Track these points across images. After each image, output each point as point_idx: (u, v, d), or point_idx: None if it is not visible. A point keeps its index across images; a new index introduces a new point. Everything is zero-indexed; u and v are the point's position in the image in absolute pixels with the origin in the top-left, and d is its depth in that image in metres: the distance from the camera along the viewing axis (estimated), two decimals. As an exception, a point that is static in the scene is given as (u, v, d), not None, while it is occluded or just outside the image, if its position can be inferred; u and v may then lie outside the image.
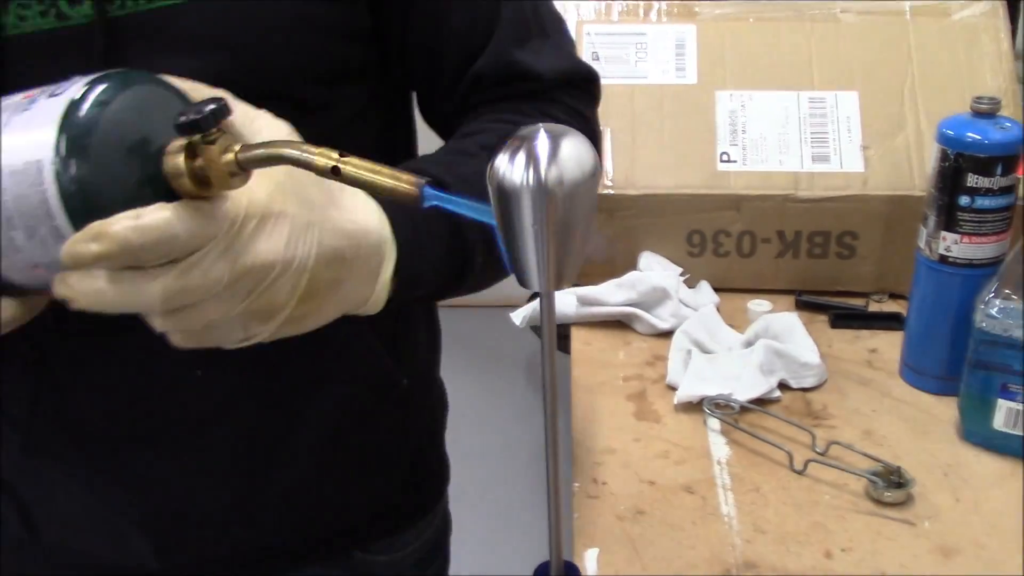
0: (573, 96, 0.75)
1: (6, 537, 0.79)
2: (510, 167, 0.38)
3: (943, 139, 0.89)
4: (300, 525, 0.80)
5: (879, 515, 0.80)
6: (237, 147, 0.45)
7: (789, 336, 1.02)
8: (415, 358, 0.85)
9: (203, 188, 0.46)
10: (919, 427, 0.92)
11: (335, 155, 0.44)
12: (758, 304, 1.10)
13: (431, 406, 0.91)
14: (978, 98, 0.88)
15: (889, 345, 1.05)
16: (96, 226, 0.43)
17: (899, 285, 1.13)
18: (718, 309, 1.09)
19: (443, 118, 0.76)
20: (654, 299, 1.08)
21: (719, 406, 0.93)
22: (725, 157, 1.11)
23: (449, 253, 0.63)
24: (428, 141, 0.79)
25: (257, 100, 0.52)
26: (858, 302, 1.12)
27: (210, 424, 0.73)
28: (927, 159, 1.08)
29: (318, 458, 0.78)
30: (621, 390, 0.98)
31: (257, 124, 0.51)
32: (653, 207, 1.11)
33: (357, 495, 0.83)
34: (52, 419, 0.72)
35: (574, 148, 0.38)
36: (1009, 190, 0.88)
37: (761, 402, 0.94)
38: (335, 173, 0.43)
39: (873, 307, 1.12)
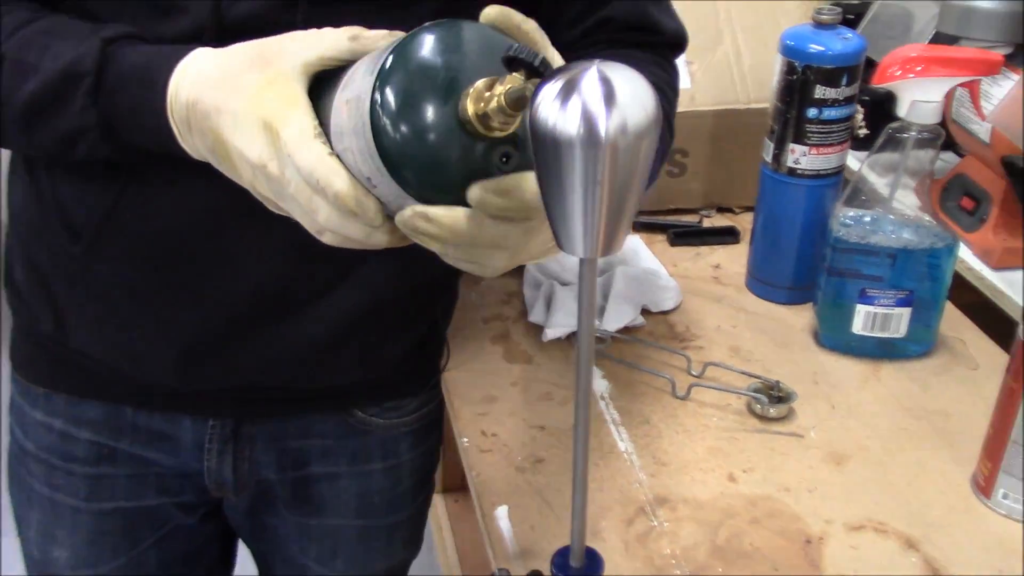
0: (675, 58, 0.80)
1: (38, 333, 0.81)
2: (561, 113, 0.31)
3: (787, 51, 0.90)
4: (313, 375, 0.81)
5: (768, 431, 0.81)
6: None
7: (635, 259, 1.02)
8: None
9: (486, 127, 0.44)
10: (779, 338, 0.93)
11: None
12: (597, 229, 1.08)
13: (448, 285, 0.90)
14: (819, 10, 0.88)
15: (729, 259, 1.06)
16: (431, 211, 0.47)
17: (726, 199, 1.14)
18: (559, 238, 1.07)
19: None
20: (498, 233, 1.03)
21: (589, 339, 0.91)
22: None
23: None
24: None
25: None
26: (691, 219, 1.13)
27: (263, 264, 0.73)
28: (748, 72, 1.09)
29: (350, 318, 0.78)
30: (484, 333, 0.94)
31: None
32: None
33: (370, 358, 0.82)
34: (119, 230, 0.72)
35: (634, 88, 0.32)
36: (851, 100, 0.90)
37: (628, 330, 0.93)
38: None
39: (706, 223, 1.13)
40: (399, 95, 0.44)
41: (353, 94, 0.47)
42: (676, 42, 0.80)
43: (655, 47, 0.78)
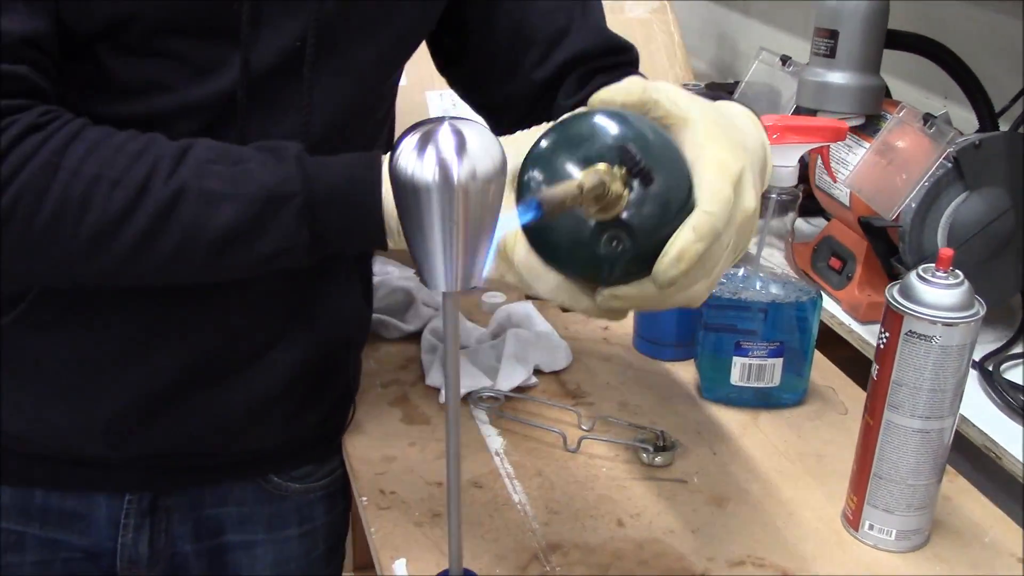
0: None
1: None
2: (418, 162, 0.36)
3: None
4: (236, 442, 0.83)
5: (654, 479, 0.85)
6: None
7: (529, 323, 1.06)
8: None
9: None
10: (664, 392, 0.99)
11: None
12: (492, 296, 1.13)
13: (360, 348, 0.93)
14: (685, 85, 0.96)
15: (617, 322, 1.11)
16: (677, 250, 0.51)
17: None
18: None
19: (509, 98, 0.84)
20: (396, 303, 1.07)
21: (484, 399, 0.94)
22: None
23: None
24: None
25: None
26: (581, 285, 1.18)
27: (191, 338, 0.75)
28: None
29: (274, 385, 0.80)
30: (383, 397, 0.97)
31: None
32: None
33: (290, 424, 0.85)
34: (51, 304, 0.72)
35: (481, 139, 0.36)
36: (719, 167, 0.97)
37: (521, 389, 0.97)
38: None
39: (595, 288, 1.18)
40: (541, 165, 0.51)
41: None
42: (636, 56, 0.84)
43: (628, 65, 0.82)
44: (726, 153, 0.54)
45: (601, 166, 0.48)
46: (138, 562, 0.86)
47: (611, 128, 0.51)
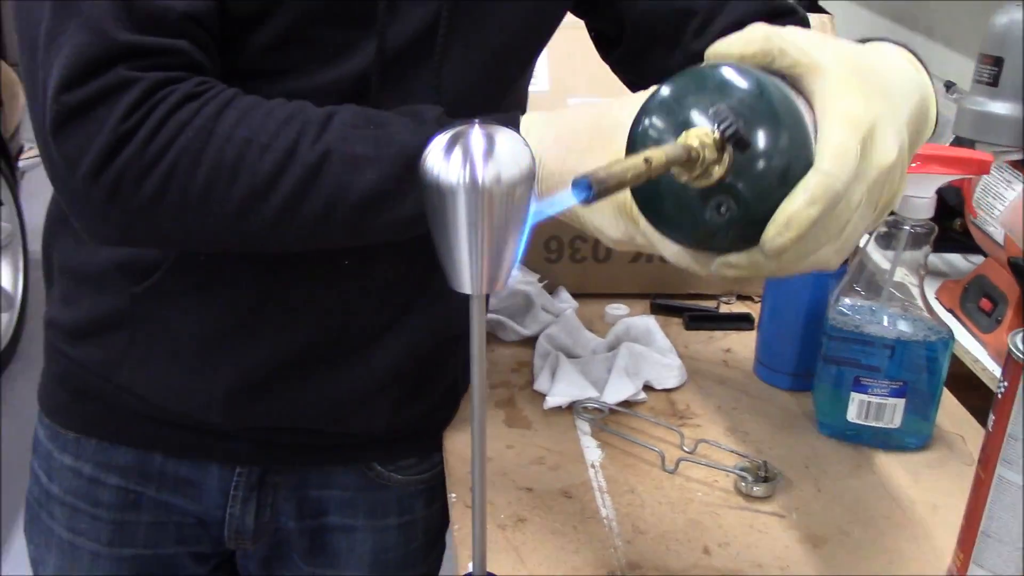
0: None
1: (76, 376, 0.85)
2: (445, 164, 0.36)
3: (793, 145, 0.93)
4: (345, 423, 0.85)
5: (750, 509, 0.83)
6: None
7: (648, 338, 1.04)
8: None
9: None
10: (777, 422, 0.95)
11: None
12: (616, 308, 1.12)
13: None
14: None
15: (741, 345, 1.08)
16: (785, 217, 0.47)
17: (746, 287, 1.17)
18: (577, 314, 1.10)
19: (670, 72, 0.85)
20: (515, 306, 1.08)
21: (588, 410, 0.94)
22: (580, 164, 1.12)
23: None
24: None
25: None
26: (709, 304, 1.16)
27: (319, 313, 0.78)
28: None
29: (389, 369, 0.83)
30: (490, 397, 0.97)
31: None
32: (511, 214, 1.11)
33: (399, 411, 0.87)
34: (187, 274, 0.76)
35: (510, 145, 0.36)
36: (854, 193, 0.93)
37: (628, 404, 0.95)
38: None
39: (723, 309, 1.16)
40: (647, 127, 0.49)
41: None
42: (805, 18, 0.83)
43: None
44: (856, 103, 0.49)
45: (690, 134, 0.45)
46: (244, 534, 0.90)
47: (705, 89, 0.48)
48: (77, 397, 0.86)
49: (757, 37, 0.51)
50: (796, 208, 0.47)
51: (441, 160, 0.36)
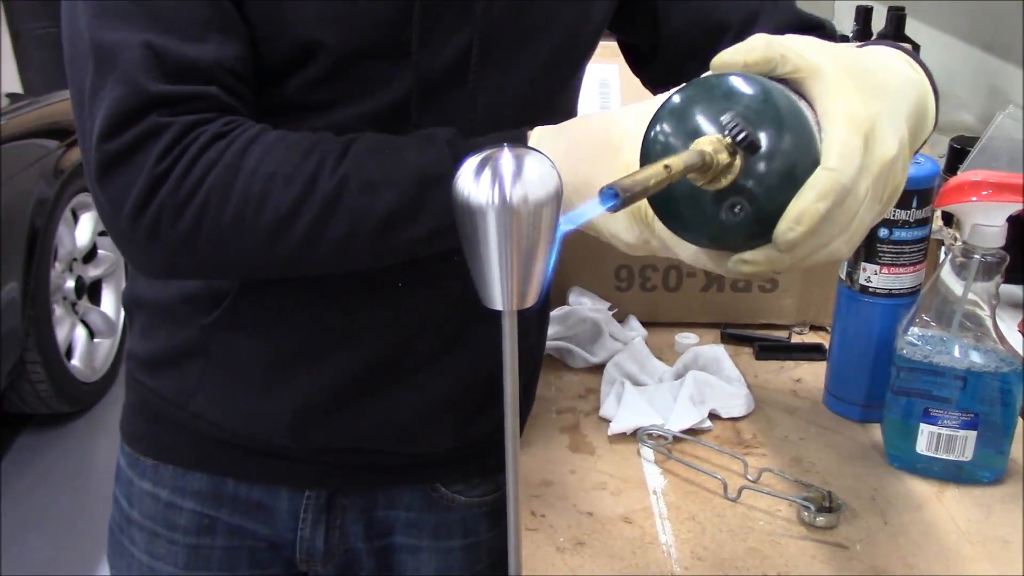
0: None
1: (153, 405, 0.88)
2: (475, 185, 0.38)
3: (861, 174, 0.93)
4: (409, 443, 0.87)
5: (812, 539, 0.82)
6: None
7: (716, 367, 1.04)
8: None
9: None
10: (845, 453, 0.94)
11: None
12: (685, 337, 1.12)
13: (536, 361, 0.96)
14: (893, 134, 0.91)
15: (812, 375, 1.07)
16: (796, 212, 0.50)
17: (819, 317, 1.16)
18: (646, 343, 1.11)
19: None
20: (585, 334, 1.09)
21: (652, 437, 0.94)
22: (650, 193, 1.13)
23: None
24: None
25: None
26: (781, 334, 1.15)
27: (383, 334, 0.81)
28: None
29: (450, 388, 0.85)
30: (555, 423, 0.98)
31: None
32: (582, 243, 1.12)
33: (462, 431, 0.88)
34: (256, 301, 0.80)
35: (538, 167, 0.38)
36: (924, 222, 0.92)
37: (693, 432, 0.95)
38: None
39: (795, 339, 1.15)
40: (658, 137, 0.51)
41: None
42: (833, 32, 0.84)
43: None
44: (856, 101, 0.52)
45: (702, 141, 0.47)
46: (314, 555, 0.92)
47: (714, 97, 0.50)
48: (154, 425, 0.90)
49: (759, 45, 0.54)
50: (806, 204, 0.50)
51: (471, 182, 0.38)
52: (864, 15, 1.77)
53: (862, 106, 0.52)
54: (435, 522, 0.93)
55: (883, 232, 0.91)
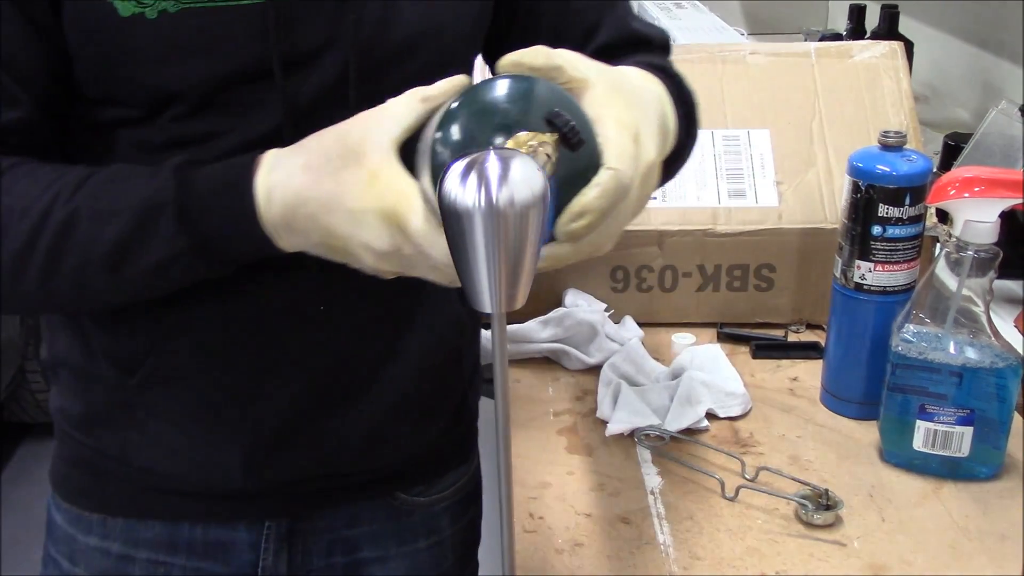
0: (668, 58, 0.87)
1: (96, 463, 0.85)
2: (461, 188, 0.38)
3: (854, 171, 0.93)
4: (365, 460, 0.86)
5: (810, 537, 0.82)
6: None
7: (713, 367, 1.04)
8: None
9: None
10: (842, 451, 0.94)
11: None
12: (682, 337, 1.12)
13: (475, 355, 0.96)
14: (885, 132, 0.92)
15: (809, 373, 1.07)
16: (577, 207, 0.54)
17: (815, 315, 1.16)
18: (643, 343, 1.11)
19: None
20: (581, 335, 1.09)
21: (649, 437, 0.94)
22: (645, 194, 1.13)
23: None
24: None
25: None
26: (777, 333, 1.15)
27: (314, 358, 0.80)
28: (837, 193, 1.12)
29: (398, 395, 0.84)
30: (552, 425, 0.99)
31: None
32: (576, 244, 1.13)
33: (416, 437, 0.88)
34: (171, 356, 0.78)
35: (524, 170, 0.38)
36: (917, 219, 0.92)
37: (690, 432, 0.96)
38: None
39: (792, 337, 1.15)
40: (458, 132, 0.53)
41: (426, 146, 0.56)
42: (663, 45, 0.86)
43: (656, 56, 0.84)
44: (623, 111, 0.58)
45: (526, 135, 0.49)
46: None
47: (535, 93, 0.54)
48: (98, 480, 0.86)
49: (540, 54, 0.60)
50: (589, 199, 0.54)
51: (458, 185, 0.38)
52: (858, 13, 1.78)
53: (627, 113, 0.58)
54: (399, 528, 0.92)
55: (877, 229, 0.92)
